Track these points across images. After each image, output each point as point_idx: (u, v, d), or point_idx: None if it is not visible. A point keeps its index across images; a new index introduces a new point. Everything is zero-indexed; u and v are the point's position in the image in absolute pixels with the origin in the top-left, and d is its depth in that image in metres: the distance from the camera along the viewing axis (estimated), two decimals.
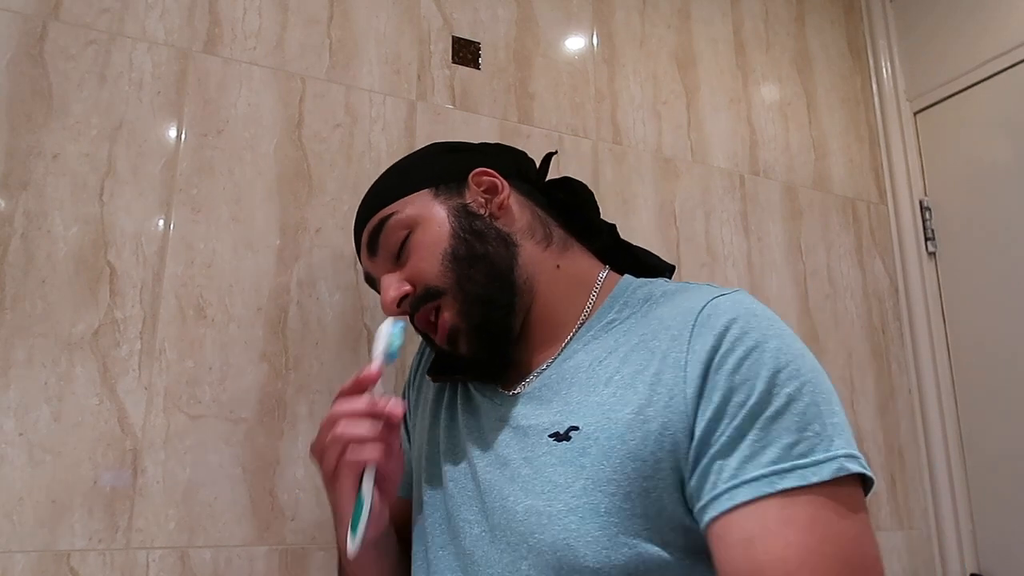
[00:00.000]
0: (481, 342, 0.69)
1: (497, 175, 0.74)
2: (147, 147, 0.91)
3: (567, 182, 0.80)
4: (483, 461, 0.67)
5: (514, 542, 0.61)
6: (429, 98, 1.09)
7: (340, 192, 1.00)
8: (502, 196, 0.72)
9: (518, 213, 0.73)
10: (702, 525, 0.55)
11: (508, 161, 0.78)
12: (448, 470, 0.71)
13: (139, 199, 0.89)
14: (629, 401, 0.59)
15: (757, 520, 0.52)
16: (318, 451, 0.64)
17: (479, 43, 1.15)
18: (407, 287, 0.69)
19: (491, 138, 1.12)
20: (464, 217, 0.70)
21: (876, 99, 1.54)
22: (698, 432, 0.56)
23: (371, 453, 0.61)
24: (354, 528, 0.60)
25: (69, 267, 0.84)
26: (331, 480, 0.63)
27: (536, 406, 0.66)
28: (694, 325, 0.59)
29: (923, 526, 1.34)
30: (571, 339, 0.69)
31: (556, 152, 0.86)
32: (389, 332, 0.67)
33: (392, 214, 0.71)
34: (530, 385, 0.69)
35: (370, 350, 0.98)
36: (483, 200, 0.72)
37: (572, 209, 0.78)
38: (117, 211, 0.88)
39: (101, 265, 0.86)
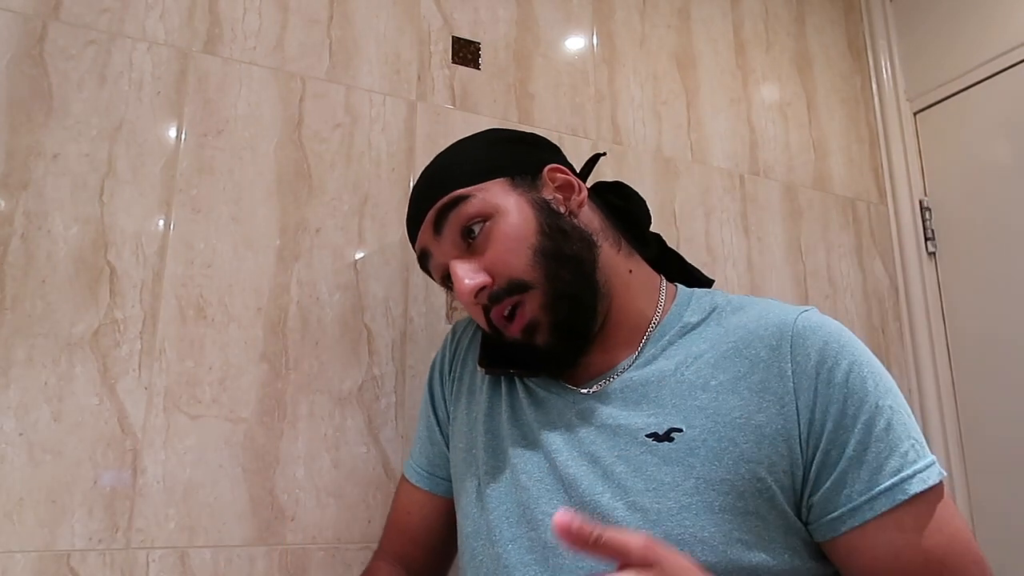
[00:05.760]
0: (560, 336, 0.68)
1: (572, 174, 0.74)
2: (147, 147, 0.91)
3: (620, 187, 0.80)
4: (565, 456, 0.66)
5: None
6: (429, 98, 1.09)
7: (340, 192, 1.00)
8: (580, 196, 0.72)
9: (591, 215, 0.73)
10: (830, 534, 0.59)
11: (565, 160, 0.77)
12: (518, 463, 0.69)
13: (139, 199, 0.89)
14: (734, 406, 0.61)
15: (897, 528, 0.57)
16: None
17: (479, 43, 1.15)
18: (485, 278, 0.67)
19: None
20: (548, 213, 0.69)
21: (876, 99, 1.54)
22: (822, 443, 0.59)
23: None
24: None
25: (69, 267, 0.84)
26: None
27: (622, 407, 0.66)
28: (792, 336, 0.62)
29: None
30: (646, 343, 0.70)
31: (605, 154, 0.85)
32: None
33: (467, 196, 0.69)
34: (609, 386, 0.69)
35: (370, 350, 0.98)
36: (560, 198, 0.71)
37: (626, 215, 0.78)
38: (117, 211, 0.88)
39: (101, 265, 0.86)
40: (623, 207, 0.78)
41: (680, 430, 0.62)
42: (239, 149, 0.96)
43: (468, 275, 0.68)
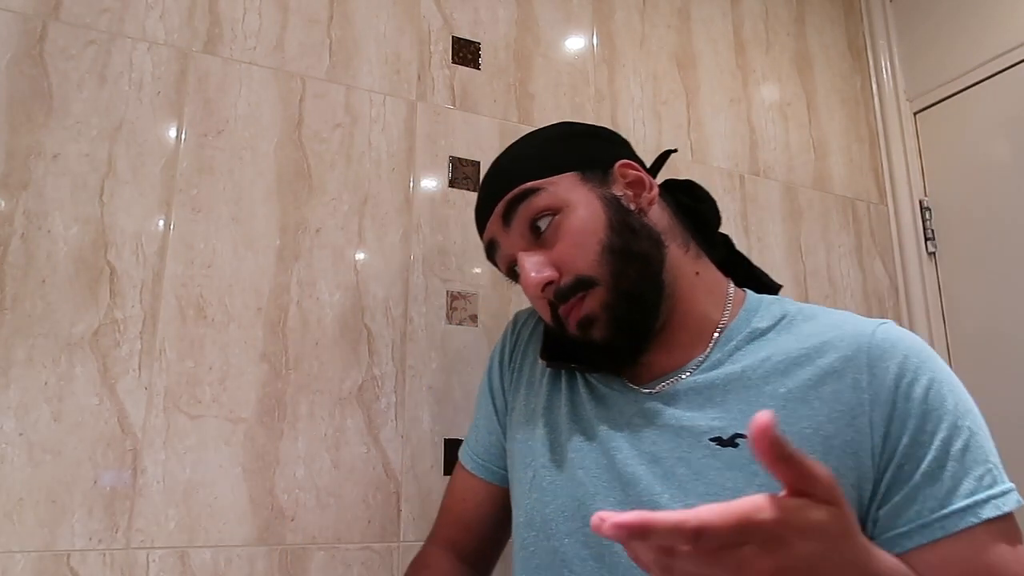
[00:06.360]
0: (619, 332, 0.67)
1: (643, 171, 0.72)
2: (147, 147, 0.91)
3: (692, 186, 0.78)
4: (625, 453, 0.66)
5: None
6: (429, 98, 1.09)
7: (340, 192, 1.00)
8: (651, 194, 0.71)
9: (660, 213, 0.71)
10: (895, 549, 0.57)
11: (636, 155, 0.76)
12: (576, 457, 0.69)
13: (139, 199, 0.89)
14: (803, 415, 0.60)
15: (968, 549, 0.55)
16: None
17: (479, 43, 1.15)
18: (553, 272, 0.67)
19: (492, 138, 1.12)
20: (617, 210, 0.68)
21: (876, 99, 1.54)
22: (896, 457, 0.58)
23: None
24: None
25: (69, 267, 0.84)
26: None
27: (687, 409, 0.65)
28: (869, 349, 0.61)
29: None
30: (713, 347, 0.68)
31: (676, 150, 0.84)
32: None
33: (538, 189, 0.68)
34: (674, 387, 0.68)
35: (370, 350, 0.98)
36: (631, 194, 0.70)
37: (696, 216, 0.76)
38: (117, 211, 0.88)
39: (101, 265, 0.86)
40: (693, 207, 0.76)
41: (745, 436, 0.60)
42: (239, 149, 0.96)
43: (535, 268, 0.67)
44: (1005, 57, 1.33)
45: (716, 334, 0.69)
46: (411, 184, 1.05)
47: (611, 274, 0.66)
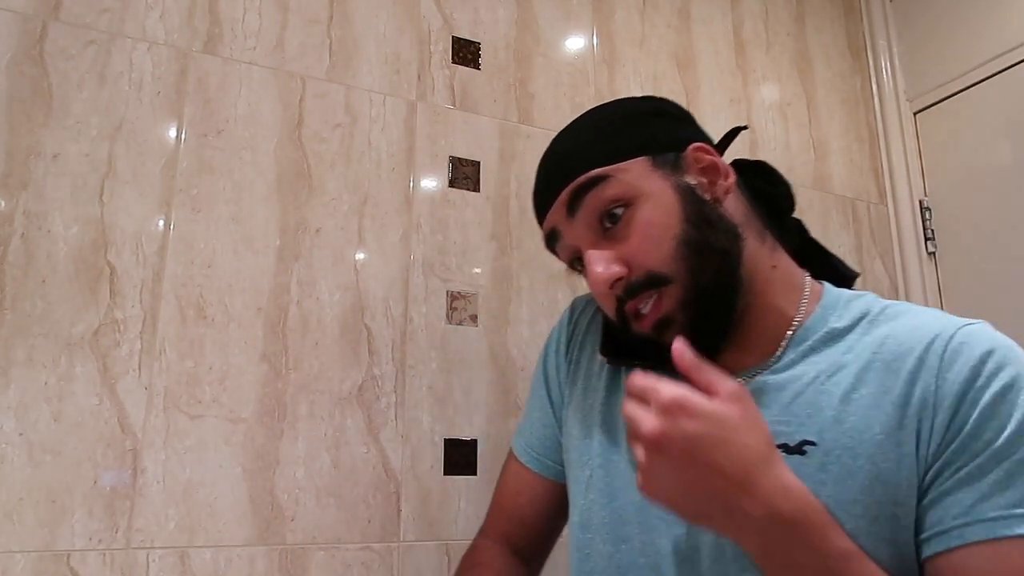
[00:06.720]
0: (694, 336, 0.61)
1: (718, 155, 0.66)
2: (147, 147, 0.91)
3: (763, 168, 0.72)
4: None
5: (733, 553, 0.57)
6: (429, 98, 1.09)
7: (340, 192, 1.00)
8: (728, 182, 0.65)
9: (736, 202, 0.66)
10: (922, 556, 0.54)
11: (708, 136, 0.70)
12: (634, 460, 0.65)
13: (139, 199, 0.89)
14: (876, 422, 0.56)
15: (989, 562, 0.50)
16: None
17: (479, 43, 1.15)
18: (622, 268, 0.62)
19: (491, 138, 1.12)
20: (693, 201, 0.63)
21: (876, 99, 1.54)
22: (939, 461, 0.54)
23: None
24: None
25: (69, 267, 0.84)
26: None
27: None
28: (945, 351, 0.56)
29: None
30: (786, 347, 0.64)
31: (747, 127, 0.79)
32: None
33: (607, 177, 0.63)
34: None
35: (370, 350, 0.99)
36: (705, 182, 0.65)
37: (769, 200, 0.70)
38: (117, 211, 0.88)
39: (101, 265, 0.86)
40: (766, 191, 0.71)
41: (814, 443, 0.57)
42: (239, 149, 0.96)
43: (603, 264, 0.62)
44: (1005, 57, 1.33)
45: (790, 332, 0.64)
46: (411, 184, 1.05)
47: (687, 271, 0.61)
